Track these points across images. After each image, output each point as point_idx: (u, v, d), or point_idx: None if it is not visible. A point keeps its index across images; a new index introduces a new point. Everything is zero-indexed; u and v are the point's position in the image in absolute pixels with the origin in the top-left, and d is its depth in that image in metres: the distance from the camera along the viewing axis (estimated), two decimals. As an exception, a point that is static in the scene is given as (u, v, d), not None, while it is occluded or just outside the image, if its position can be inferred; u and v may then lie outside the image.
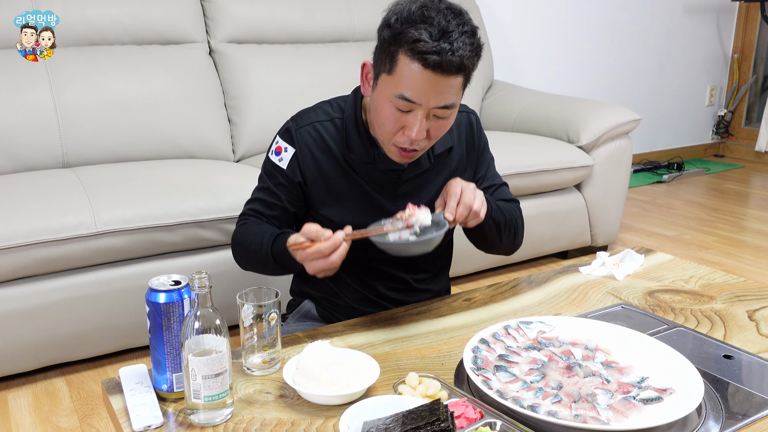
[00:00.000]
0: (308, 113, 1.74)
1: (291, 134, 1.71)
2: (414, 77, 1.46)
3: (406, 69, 1.46)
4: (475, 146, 1.81)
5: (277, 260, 1.60)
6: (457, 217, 1.55)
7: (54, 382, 2.41)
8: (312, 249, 1.45)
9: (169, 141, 3.02)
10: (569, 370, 1.37)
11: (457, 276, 3.22)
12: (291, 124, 1.73)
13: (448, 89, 1.48)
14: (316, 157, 1.70)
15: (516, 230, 1.82)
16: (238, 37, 3.35)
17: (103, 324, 2.42)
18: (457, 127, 1.79)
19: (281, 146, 1.72)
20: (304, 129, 1.71)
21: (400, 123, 1.53)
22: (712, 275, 1.94)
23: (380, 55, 1.53)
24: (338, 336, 1.57)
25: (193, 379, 1.19)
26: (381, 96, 1.54)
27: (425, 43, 1.42)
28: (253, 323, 1.39)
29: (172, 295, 1.26)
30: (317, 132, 1.70)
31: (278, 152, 1.72)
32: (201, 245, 2.53)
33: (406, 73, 1.46)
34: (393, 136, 1.56)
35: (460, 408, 1.20)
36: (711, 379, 1.38)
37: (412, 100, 1.48)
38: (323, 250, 1.44)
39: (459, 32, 1.44)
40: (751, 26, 5.89)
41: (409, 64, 1.45)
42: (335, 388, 1.27)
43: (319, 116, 1.72)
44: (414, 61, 1.44)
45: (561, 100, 3.76)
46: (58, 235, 2.25)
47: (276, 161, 1.72)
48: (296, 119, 1.74)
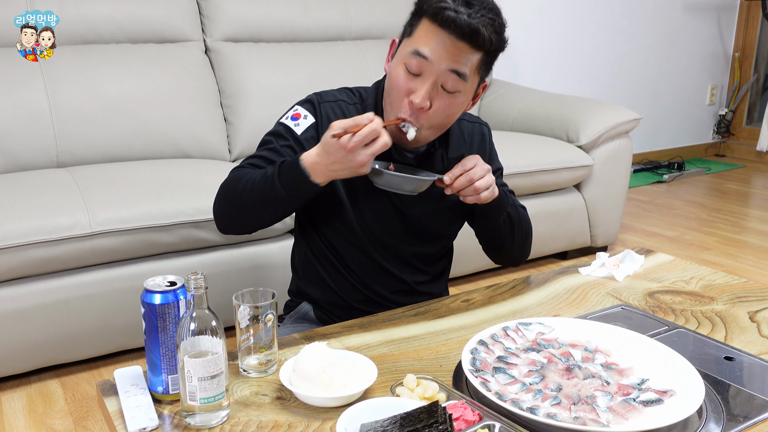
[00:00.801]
0: (332, 92, 1.74)
1: (313, 105, 1.70)
2: (429, 35, 1.49)
3: (423, 29, 1.50)
4: (486, 157, 1.82)
5: (285, 182, 1.53)
6: (455, 184, 1.56)
7: (48, 384, 2.41)
8: (366, 130, 1.41)
9: (164, 140, 3.02)
10: (569, 371, 1.37)
11: (456, 277, 3.22)
12: (314, 96, 1.72)
13: (461, 56, 1.50)
14: None
15: (527, 234, 1.86)
16: (235, 36, 3.34)
17: (98, 325, 2.41)
18: (470, 136, 1.81)
19: (300, 113, 1.70)
20: (327, 104, 1.71)
21: (408, 87, 1.53)
22: (712, 276, 1.94)
23: (406, 27, 1.57)
24: (335, 337, 1.57)
25: (188, 381, 1.19)
26: (397, 59, 1.56)
27: (446, 4, 1.46)
28: (249, 324, 1.38)
29: (167, 296, 1.26)
30: (342, 110, 1.70)
31: (296, 118, 1.69)
32: (197, 246, 2.53)
33: (423, 32, 1.50)
34: (400, 103, 1.55)
35: (459, 410, 1.20)
36: (712, 381, 1.38)
37: (424, 55, 1.49)
38: (377, 128, 1.43)
39: (481, 6, 1.48)
40: (753, 24, 5.90)
41: (427, 24, 1.49)
42: (332, 390, 1.27)
43: (343, 97, 1.73)
44: (431, 22, 1.48)
45: (560, 99, 3.76)
46: (52, 235, 2.25)
47: (291, 125, 1.69)
48: (320, 94, 1.73)
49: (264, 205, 1.59)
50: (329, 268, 1.80)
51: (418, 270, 1.83)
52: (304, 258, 1.85)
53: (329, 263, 1.80)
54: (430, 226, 1.79)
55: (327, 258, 1.80)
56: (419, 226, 1.77)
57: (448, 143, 1.74)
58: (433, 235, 1.81)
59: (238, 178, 1.62)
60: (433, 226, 1.80)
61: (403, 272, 1.81)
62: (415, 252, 1.80)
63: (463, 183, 1.56)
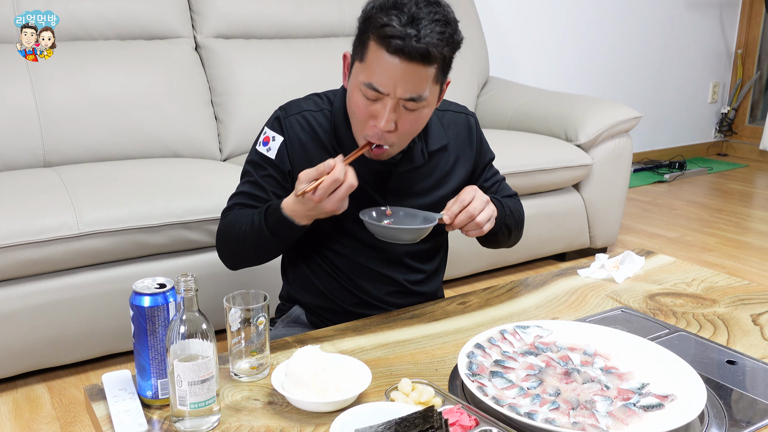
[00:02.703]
0: (298, 102, 1.76)
1: (280, 122, 1.72)
2: (380, 64, 1.48)
3: (374, 56, 1.49)
4: (473, 148, 1.82)
5: (273, 230, 1.61)
6: (455, 222, 1.59)
7: (35, 389, 2.40)
8: (327, 181, 1.46)
9: (153, 139, 3.01)
10: (567, 376, 1.37)
11: (452, 279, 3.22)
12: (280, 112, 1.74)
13: (415, 79, 1.49)
14: (305, 146, 1.71)
15: (520, 224, 1.90)
16: (226, 32, 3.34)
17: (86, 328, 2.41)
18: (454, 127, 1.81)
19: (269, 136, 1.72)
20: (293, 117, 1.72)
21: (370, 112, 1.54)
22: (714, 278, 1.94)
23: (356, 43, 1.56)
24: (329, 341, 1.57)
25: (178, 386, 1.19)
26: (353, 84, 1.57)
27: (392, 28, 1.44)
28: (240, 328, 1.38)
29: (157, 299, 1.26)
30: (307, 121, 1.72)
31: (266, 142, 1.73)
32: (187, 247, 2.53)
33: (374, 60, 1.49)
34: (364, 126, 1.57)
35: (455, 415, 1.20)
36: (714, 385, 1.38)
37: (378, 89, 1.50)
38: (338, 176, 1.46)
39: (429, 20, 1.46)
40: (756, 20, 5.91)
41: (376, 51, 1.48)
42: (325, 395, 1.27)
43: (309, 106, 1.74)
44: (380, 47, 1.47)
45: (559, 97, 3.76)
46: (38, 236, 2.24)
47: (264, 152, 1.72)
48: (285, 108, 1.75)
49: (261, 250, 1.69)
50: (319, 273, 1.81)
51: (411, 269, 1.83)
52: (294, 264, 1.87)
53: (319, 268, 1.81)
54: None
55: (316, 263, 1.81)
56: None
57: (427, 136, 1.75)
58: None
59: (230, 228, 1.71)
60: None
61: (396, 272, 1.81)
62: (407, 251, 1.81)
63: (464, 220, 1.59)
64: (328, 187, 1.47)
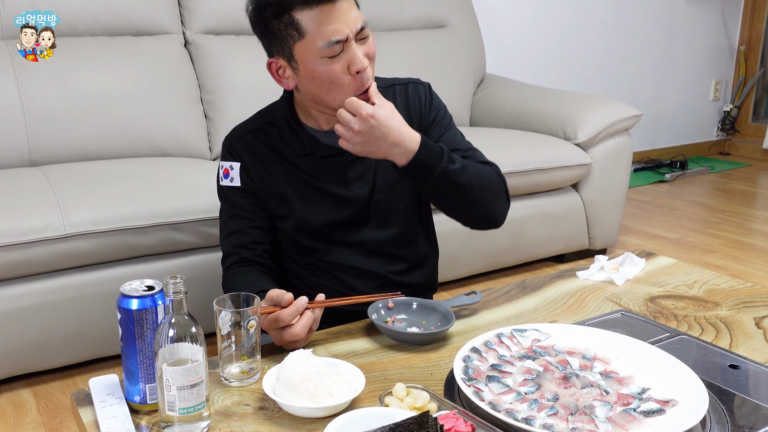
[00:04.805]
0: (239, 126, 1.84)
1: (230, 150, 1.81)
2: (322, 20, 1.55)
3: (310, 22, 1.56)
4: (422, 116, 1.82)
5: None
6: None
7: (20, 394, 2.40)
8: (271, 316, 1.47)
9: (141, 138, 3.01)
10: (566, 380, 1.37)
11: (447, 281, 3.22)
12: (226, 142, 1.83)
13: (349, 10, 1.58)
14: (257, 166, 1.78)
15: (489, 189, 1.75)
16: (215, 28, 3.34)
17: (72, 332, 2.41)
18: (402, 97, 1.82)
19: (227, 168, 1.80)
20: (237, 143, 1.81)
21: (344, 68, 1.59)
22: (717, 280, 1.94)
23: (274, 40, 1.64)
24: (321, 344, 1.57)
25: (167, 390, 1.19)
26: (312, 62, 1.59)
27: None
28: (230, 331, 1.38)
29: (145, 302, 1.26)
30: (248, 142, 1.80)
31: (226, 175, 1.80)
32: (176, 248, 2.53)
33: (313, 24, 1.56)
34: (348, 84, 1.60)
35: (451, 421, 1.20)
36: (716, 390, 1.38)
37: (338, 39, 1.56)
38: (284, 318, 1.46)
39: None
40: (759, 16, 5.91)
41: (308, 16, 1.56)
42: (318, 400, 1.27)
43: (249, 125, 1.83)
44: (309, 10, 1.55)
45: (557, 95, 3.77)
46: (24, 237, 2.24)
47: (228, 184, 1.80)
48: (229, 136, 1.84)
49: None
50: (305, 277, 1.86)
51: (393, 258, 1.85)
52: (282, 269, 1.91)
53: (305, 271, 1.86)
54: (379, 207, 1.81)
55: (301, 267, 1.86)
56: (367, 211, 1.81)
57: None
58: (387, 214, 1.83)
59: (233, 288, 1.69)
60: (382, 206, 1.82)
61: (377, 266, 1.84)
62: (377, 239, 1.82)
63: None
64: (270, 322, 1.47)
